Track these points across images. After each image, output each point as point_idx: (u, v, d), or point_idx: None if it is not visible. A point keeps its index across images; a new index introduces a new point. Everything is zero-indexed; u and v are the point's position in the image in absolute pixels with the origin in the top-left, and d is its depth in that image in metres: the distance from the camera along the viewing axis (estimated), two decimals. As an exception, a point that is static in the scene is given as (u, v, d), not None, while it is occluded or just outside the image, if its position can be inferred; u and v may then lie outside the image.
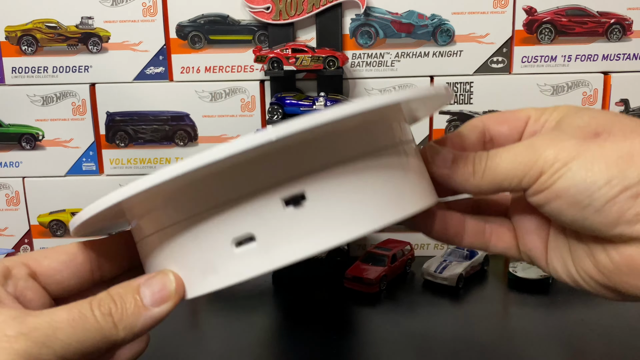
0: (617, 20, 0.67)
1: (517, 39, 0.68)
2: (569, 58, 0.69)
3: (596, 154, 0.28)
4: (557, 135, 0.30)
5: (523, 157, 0.30)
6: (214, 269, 0.26)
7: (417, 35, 0.68)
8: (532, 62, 0.69)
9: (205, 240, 0.26)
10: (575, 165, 0.28)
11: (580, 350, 0.53)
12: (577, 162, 0.28)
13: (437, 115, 0.70)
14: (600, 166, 0.28)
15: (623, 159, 0.28)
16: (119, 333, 0.26)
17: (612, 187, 0.28)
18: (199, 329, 0.59)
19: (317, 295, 0.64)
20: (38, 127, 0.71)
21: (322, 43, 0.68)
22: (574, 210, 0.29)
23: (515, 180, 0.30)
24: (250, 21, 0.69)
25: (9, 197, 0.73)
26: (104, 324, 0.26)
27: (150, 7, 0.68)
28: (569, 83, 0.69)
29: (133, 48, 0.69)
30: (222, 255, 0.26)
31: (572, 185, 0.28)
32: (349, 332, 0.57)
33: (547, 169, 0.29)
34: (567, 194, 0.28)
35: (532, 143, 0.30)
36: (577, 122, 0.31)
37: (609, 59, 0.68)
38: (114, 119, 0.71)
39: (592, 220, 0.28)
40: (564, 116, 0.32)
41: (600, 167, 0.28)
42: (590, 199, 0.28)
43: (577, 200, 0.28)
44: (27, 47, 0.70)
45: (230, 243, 0.25)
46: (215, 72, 0.70)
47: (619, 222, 0.28)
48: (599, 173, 0.28)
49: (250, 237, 0.25)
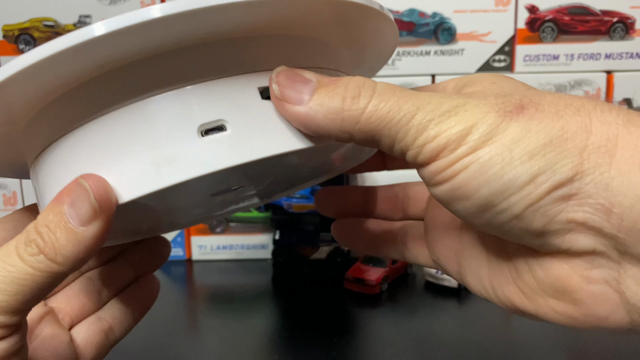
0: (620, 19, 0.67)
1: (519, 37, 0.68)
2: (571, 57, 0.68)
3: (517, 136, 0.20)
4: (469, 102, 0.22)
5: (408, 108, 0.22)
6: (171, 159, 0.22)
7: (419, 34, 0.68)
8: (534, 60, 0.68)
9: (160, 126, 0.22)
10: (486, 152, 0.21)
11: (581, 351, 0.52)
12: (490, 148, 0.21)
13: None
14: (522, 155, 0.20)
15: (553, 145, 0.20)
16: (61, 267, 0.22)
17: (538, 186, 0.20)
18: (198, 329, 0.59)
19: (317, 296, 0.64)
20: (36, 126, 0.71)
21: (322, 42, 0.68)
22: (485, 214, 0.22)
23: (389, 135, 0.22)
24: (250, 19, 0.68)
25: (7, 197, 0.73)
26: (39, 265, 0.22)
27: (149, 5, 0.68)
28: (571, 82, 0.68)
29: (131, 47, 0.69)
30: (184, 144, 0.22)
31: (483, 183, 0.21)
32: (349, 333, 0.56)
33: (446, 152, 0.21)
34: (475, 194, 0.21)
35: (432, 98, 0.22)
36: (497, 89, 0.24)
37: (612, 58, 0.68)
38: (112, 118, 0.70)
39: (509, 227, 0.21)
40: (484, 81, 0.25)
41: (522, 156, 0.20)
42: (507, 203, 0.21)
43: (489, 203, 0.21)
44: (24, 46, 0.69)
45: (196, 130, 0.22)
46: (215, 71, 0.69)
47: (545, 231, 0.21)
48: (521, 166, 0.20)
49: (220, 126, 0.22)
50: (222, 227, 0.72)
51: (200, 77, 0.22)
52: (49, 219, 0.22)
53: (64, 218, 0.22)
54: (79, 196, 0.22)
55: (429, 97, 0.22)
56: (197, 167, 0.22)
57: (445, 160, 0.21)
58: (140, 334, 0.55)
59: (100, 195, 0.22)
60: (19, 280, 0.22)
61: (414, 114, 0.22)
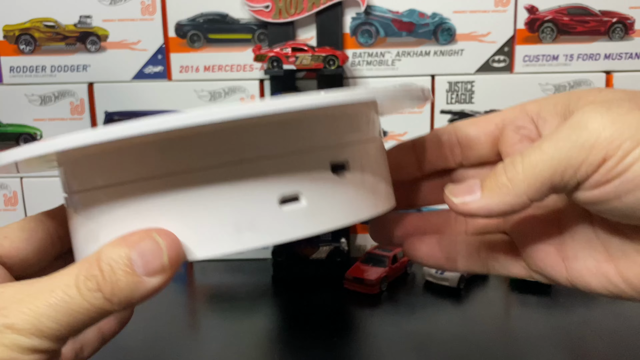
0: (619, 19, 0.67)
1: (518, 38, 0.68)
2: (570, 57, 0.68)
3: None
4: (608, 110, 0.23)
5: (573, 141, 0.23)
6: (252, 225, 0.24)
7: (418, 34, 0.68)
8: (533, 61, 0.68)
9: (246, 193, 0.24)
10: None
11: (582, 351, 0.52)
12: None
13: (439, 114, 0.69)
14: None
15: None
16: (113, 307, 0.23)
17: None
18: (199, 329, 0.59)
19: (317, 296, 0.64)
20: (36, 126, 0.71)
21: (322, 42, 0.68)
22: None
23: (568, 172, 0.23)
24: (250, 20, 0.68)
25: (7, 198, 0.73)
26: (95, 302, 0.22)
27: (149, 5, 0.68)
28: (570, 82, 0.68)
29: (131, 47, 0.69)
30: (265, 211, 0.24)
31: None
32: (349, 333, 0.56)
33: (613, 151, 0.22)
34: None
35: (579, 122, 0.23)
36: (614, 97, 0.25)
37: (611, 58, 0.68)
38: (112, 118, 0.70)
39: None
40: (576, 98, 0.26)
41: None
42: None
43: None
44: (25, 46, 0.69)
45: (276, 199, 0.24)
46: (215, 71, 0.69)
47: None
48: None
49: (295, 196, 0.24)
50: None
51: (282, 153, 0.24)
52: (113, 259, 0.22)
53: (129, 263, 0.22)
54: (151, 250, 0.22)
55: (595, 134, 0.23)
56: (275, 234, 0.24)
57: (613, 160, 0.22)
58: (141, 334, 0.55)
59: (172, 255, 0.23)
60: (72, 312, 0.22)
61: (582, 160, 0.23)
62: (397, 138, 0.70)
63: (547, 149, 0.24)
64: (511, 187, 0.24)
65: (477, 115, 0.33)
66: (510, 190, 0.25)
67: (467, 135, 0.31)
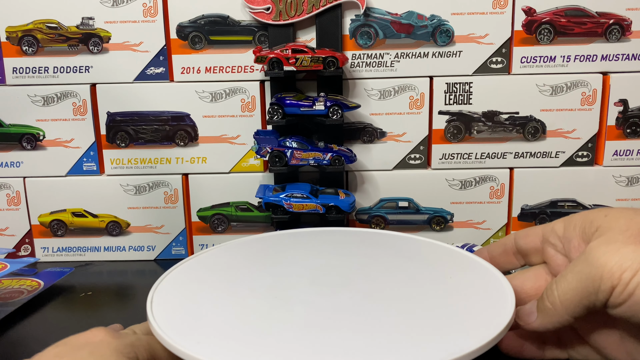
0: (616, 21, 0.68)
1: (516, 39, 0.68)
2: (568, 58, 0.69)
3: None
4: (609, 244, 0.32)
5: (587, 274, 0.32)
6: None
7: (417, 36, 0.69)
8: (531, 62, 0.69)
9: None
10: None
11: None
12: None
13: (437, 115, 0.70)
14: None
15: None
16: None
17: None
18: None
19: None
20: (39, 127, 0.72)
21: (322, 43, 0.68)
22: None
23: (591, 298, 0.32)
24: (251, 22, 0.69)
25: (10, 197, 0.73)
26: None
27: (151, 7, 0.68)
28: (567, 83, 0.69)
29: (133, 48, 0.70)
30: None
31: None
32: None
33: (617, 280, 0.31)
34: None
35: (587, 257, 0.33)
36: (616, 226, 0.33)
37: (608, 59, 0.69)
38: (115, 119, 0.71)
39: None
40: (589, 222, 0.36)
41: None
42: None
43: None
44: (27, 47, 0.70)
45: None
46: (216, 72, 0.70)
47: None
48: None
49: None
50: (224, 226, 0.73)
51: None
52: None
53: None
54: None
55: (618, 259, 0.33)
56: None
57: (620, 287, 0.31)
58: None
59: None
60: None
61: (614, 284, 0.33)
62: (396, 138, 0.71)
63: (571, 280, 0.33)
64: (554, 311, 0.34)
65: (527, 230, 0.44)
66: (554, 313, 0.35)
67: (520, 247, 0.43)
